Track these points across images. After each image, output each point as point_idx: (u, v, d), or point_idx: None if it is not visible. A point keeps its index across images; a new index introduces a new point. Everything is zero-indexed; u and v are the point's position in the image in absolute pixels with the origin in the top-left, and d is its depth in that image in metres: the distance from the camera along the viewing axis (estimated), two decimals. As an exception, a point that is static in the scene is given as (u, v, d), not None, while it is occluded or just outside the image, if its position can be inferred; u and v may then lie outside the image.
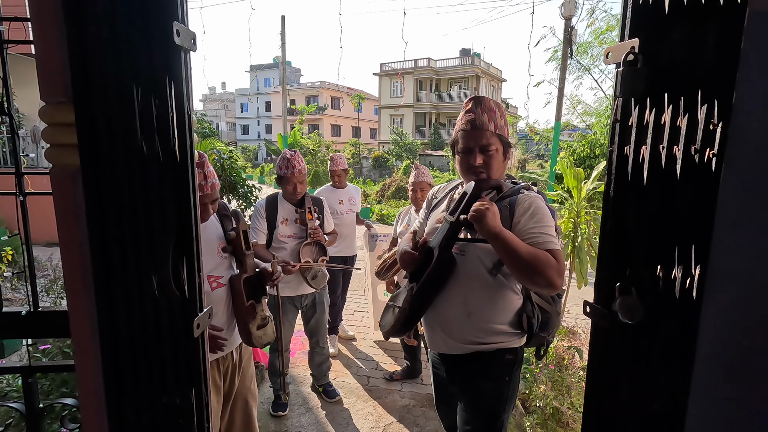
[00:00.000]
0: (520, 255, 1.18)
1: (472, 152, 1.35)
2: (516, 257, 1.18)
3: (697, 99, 0.63)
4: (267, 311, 1.76)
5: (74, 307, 0.75)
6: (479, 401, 1.41)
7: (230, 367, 1.75)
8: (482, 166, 1.34)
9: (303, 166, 2.48)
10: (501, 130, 1.37)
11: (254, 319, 1.67)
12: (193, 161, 0.70)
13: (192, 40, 0.67)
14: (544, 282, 1.18)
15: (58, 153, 0.69)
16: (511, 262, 1.21)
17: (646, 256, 0.70)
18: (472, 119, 1.35)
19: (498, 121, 1.36)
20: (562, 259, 1.24)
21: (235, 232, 1.71)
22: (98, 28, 0.60)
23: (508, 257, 1.20)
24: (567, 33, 7.87)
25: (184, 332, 0.72)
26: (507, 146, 1.40)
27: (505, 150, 1.39)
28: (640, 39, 0.65)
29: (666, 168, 0.67)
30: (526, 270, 1.19)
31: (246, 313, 1.65)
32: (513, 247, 1.19)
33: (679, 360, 0.69)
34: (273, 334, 1.78)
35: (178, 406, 0.75)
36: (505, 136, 1.38)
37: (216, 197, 1.62)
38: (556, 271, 1.18)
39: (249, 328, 1.65)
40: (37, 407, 0.93)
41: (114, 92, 0.62)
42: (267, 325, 1.73)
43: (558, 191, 3.65)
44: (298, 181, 2.44)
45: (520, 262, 1.18)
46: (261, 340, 1.69)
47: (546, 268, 1.17)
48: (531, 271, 1.18)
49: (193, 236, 0.71)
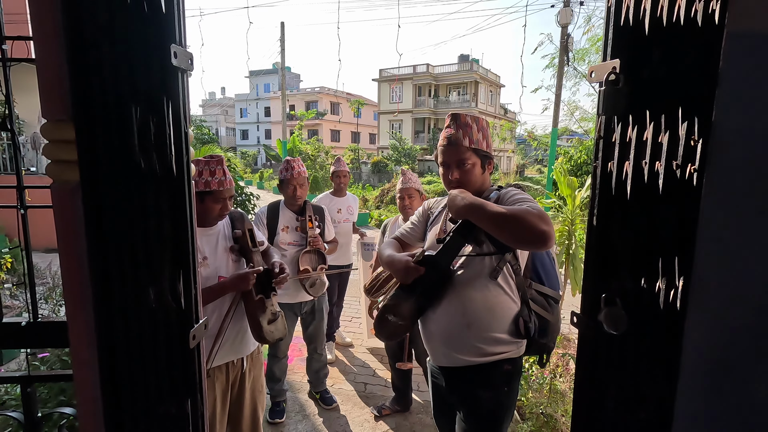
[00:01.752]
0: (497, 212, 1.20)
1: (449, 167, 1.42)
2: (494, 216, 1.20)
3: (678, 116, 0.65)
4: (277, 306, 1.78)
5: (73, 318, 0.77)
6: (478, 412, 1.42)
7: (239, 374, 1.76)
8: (458, 180, 1.41)
9: (303, 170, 2.53)
10: (478, 144, 1.40)
11: (264, 314, 1.69)
12: (189, 176, 0.72)
13: (189, 61, 0.69)
14: (530, 232, 1.16)
15: (58, 169, 0.71)
16: (491, 223, 1.22)
17: (631, 268, 0.71)
18: (449, 135, 1.42)
19: (474, 135, 1.40)
20: (545, 212, 1.22)
21: (240, 231, 1.76)
22: (98, 50, 0.63)
23: (488, 219, 1.22)
24: (564, 40, 7.94)
25: (181, 343, 0.74)
26: (485, 159, 1.43)
27: (483, 163, 1.43)
28: (621, 59, 0.67)
29: (649, 183, 0.69)
30: (508, 224, 1.19)
31: (256, 307, 1.68)
32: (489, 208, 1.22)
33: (664, 370, 0.71)
34: (284, 329, 1.80)
35: (174, 415, 0.76)
36: (482, 149, 1.41)
37: (233, 193, 1.70)
38: (540, 219, 1.16)
39: (260, 322, 1.67)
40: (35, 416, 0.94)
41: (113, 111, 0.64)
42: (278, 319, 1.76)
43: (553, 199, 3.67)
44: (297, 184, 2.48)
45: (499, 220, 1.19)
46: (272, 335, 1.71)
47: (527, 217, 1.16)
48: (513, 225, 1.18)
49: (189, 249, 0.73)
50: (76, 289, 0.75)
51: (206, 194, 1.60)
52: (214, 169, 1.61)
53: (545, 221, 1.16)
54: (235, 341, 1.71)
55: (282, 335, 1.77)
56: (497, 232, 1.23)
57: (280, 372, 2.63)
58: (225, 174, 1.64)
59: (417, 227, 1.65)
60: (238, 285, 1.64)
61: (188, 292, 0.74)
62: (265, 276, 1.74)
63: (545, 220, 1.17)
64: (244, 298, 1.70)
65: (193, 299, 0.75)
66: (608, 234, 0.74)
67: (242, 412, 1.80)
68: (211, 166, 1.61)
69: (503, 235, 1.22)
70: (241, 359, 1.76)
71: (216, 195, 1.61)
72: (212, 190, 1.60)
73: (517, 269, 1.38)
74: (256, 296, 1.68)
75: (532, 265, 1.44)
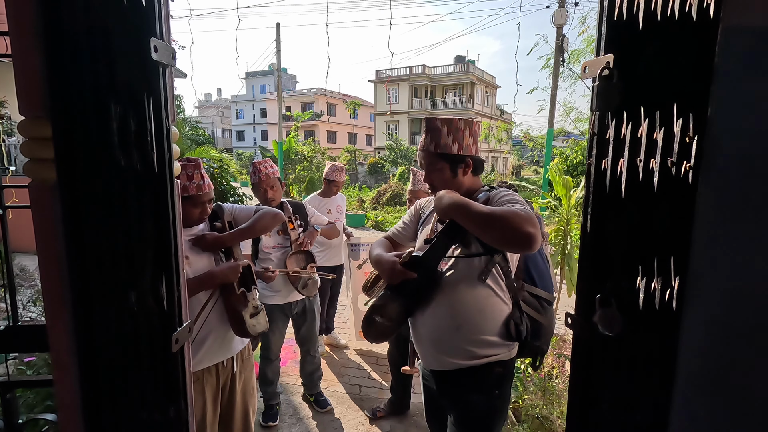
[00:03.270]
0: (481, 212, 1.17)
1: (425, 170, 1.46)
2: (477, 216, 1.18)
3: (673, 112, 0.64)
4: (258, 300, 1.75)
5: (52, 321, 0.74)
6: (469, 415, 1.40)
7: (229, 377, 1.73)
8: (430, 185, 1.45)
9: (271, 170, 2.44)
10: (445, 149, 1.37)
11: (246, 308, 1.67)
12: (172, 175, 0.69)
13: (171, 55, 0.67)
14: (515, 234, 1.12)
15: (36, 167, 0.68)
16: (474, 223, 1.19)
17: (626, 267, 0.70)
18: (421, 140, 1.45)
19: (442, 139, 1.37)
20: (532, 214, 1.18)
21: (220, 223, 1.75)
22: (76, 43, 0.60)
23: (471, 219, 1.19)
24: (559, 41, 7.96)
25: (163, 347, 0.71)
26: (456, 162, 1.39)
27: (454, 166, 1.40)
28: (615, 54, 0.66)
29: (643, 181, 0.67)
30: (492, 225, 1.16)
31: (238, 301, 1.65)
32: (473, 208, 1.19)
33: (660, 371, 0.69)
34: (266, 324, 1.77)
35: (157, 421, 0.74)
36: (451, 153, 1.38)
37: (212, 197, 1.68)
38: (526, 221, 1.12)
39: (242, 316, 1.64)
40: (16, 423, 0.92)
41: (91, 107, 0.62)
42: (260, 313, 1.73)
43: (548, 199, 3.67)
44: (268, 186, 2.42)
45: (485, 220, 1.17)
46: (255, 329, 1.68)
47: (513, 218, 1.13)
48: (497, 225, 1.15)
49: (173, 250, 0.71)
50: (56, 291, 0.73)
51: (184, 199, 1.56)
52: (192, 174, 1.57)
53: (531, 223, 1.12)
54: (224, 341, 1.68)
55: (264, 329, 1.75)
56: (480, 233, 1.21)
57: (273, 374, 2.60)
58: (203, 178, 1.61)
59: (408, 227, 1.63)
60: (228, 275, 1.63)
61: (171, 294, 0.71)
62: (247, 270, 1.73)
63: (531, 222, 1.13)
64: (223, 293, 1.67)
65: (176, 301, 0.73)
66: (603, 233, 0.72)
67: (233, 415, 1.77)
68: (188, 170, 1.57)
69: (486, 236, 1.20)
70: (231, 360, 1.73)
71: (194, 199, 1.59)
72: (190, 195, 1.57)
73: (507, 271, 1.36)
74: (238, 290, 1.66)
75: (524, 266, 1.42)
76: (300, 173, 14.87)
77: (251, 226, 1.76)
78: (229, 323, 1.67)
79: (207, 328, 1.62)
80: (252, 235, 1.83)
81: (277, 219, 1.86)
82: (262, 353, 2.56)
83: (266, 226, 1.82)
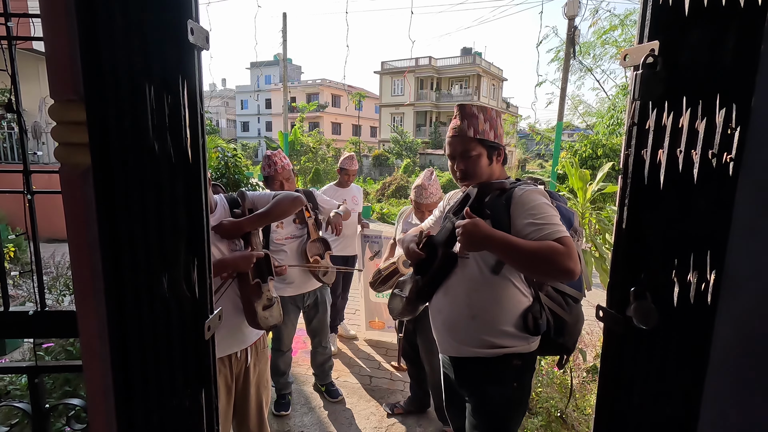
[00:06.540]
0: (519, 251, 1.16)
1: (455, 159, 1.43)
2: (515, 255, 1.18)
3: (716, 103, 0.62)
4: (273, 292, 1.72)
5: (83, 308, 0.74)
6: (486, 406, 1.40)
7: (243, 368, 1.73)
8: (463, 171, 1.41)
9: (286, 163, 2.40)
10: (484, 134, 1.38)
11: (260, 299, 1.64)
12: (205, 161, 0.69)
13: (205, 38, 0.66)
14: (555, 270, 1.13)
15: (68, 152, 0.68)
16: (512, 261, 1.21)
17: (662, 260, 0.69)
18: (455, 126, 1.41)
19: (480, 125, 1.37)
20: (572, 243, 1.18)
21: (240, 211, 1.72)
22: (111, 24, 0.59)
23: (509, 257, 1.21)
24: (570, 33, 7.85)
25: (195, 334, 0.71)
26: (493, 149, 1.40)
27: (491, 153, 1.40)
28: (660, 41, 0.64)
29: (683, 172, 0.66)
30: (530, 264, 1.18)
31: (252, 292, 1.63)
32: (509, 246, 1.18)
33: (692, 366, 0.69)
34: (279, 317, 1.74)
35: (187, 407, 0.74)
36: (489, 140, 1.38)
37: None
38: (566, 257, 1.12)
39: (254, 307, 1.62)
40: (43, 407, 0.92)
41: (126, 90, 0.61)
42: (273, 306, 1.70)
43: (561, 191, 3.64)
44: (283, 179, 2.37)
45: (521, 259, 1.18)
46: (267, 321, 1.66)
47: (552, 256, 1.13)
48: (537, 264, 1.16)
49: (204, 237, 0.71)
50: (87, 278, 0.73)
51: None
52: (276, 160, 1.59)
53: (571, 257, 1.13)
54: (238, 331, 1.67)
55: (277, 322, 1.72)
56: (521, 269, 1.27)
57: (285, 365, 2.62)
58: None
59: (438, 219, 1.67)
60: (239, 264, 1.60)
61: (203, 281, 0.71)
62: (264, 260, 1.71)
63: (571, 256, 1.13)
64: (239, 282, 1.65)
65: (208, 289, 0.73)
66: (639, 224, 0.71)
67: (248, 407, 1.77)
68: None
69: (526, 272, 1.28)
70: (245, 351, 1.72)
71: None
72: None
73: None
74: (252, 280, 1.63)
75: None
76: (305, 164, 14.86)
77: (269, 210, 1.71)
78: (243, 312, 1.67)
79: None
80: (271, 219, 1.79)
81: (296, 203, 1.79)
82: (274, 345, 2.57)
83: (285, 210, 1.77)
